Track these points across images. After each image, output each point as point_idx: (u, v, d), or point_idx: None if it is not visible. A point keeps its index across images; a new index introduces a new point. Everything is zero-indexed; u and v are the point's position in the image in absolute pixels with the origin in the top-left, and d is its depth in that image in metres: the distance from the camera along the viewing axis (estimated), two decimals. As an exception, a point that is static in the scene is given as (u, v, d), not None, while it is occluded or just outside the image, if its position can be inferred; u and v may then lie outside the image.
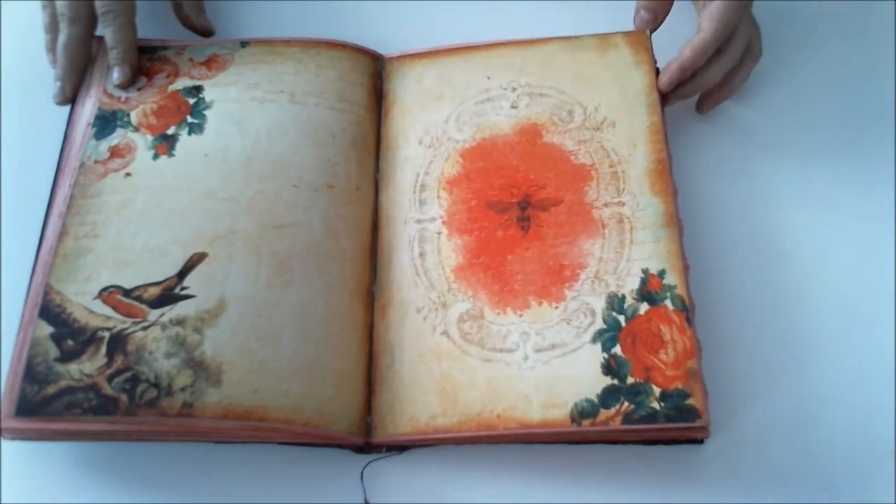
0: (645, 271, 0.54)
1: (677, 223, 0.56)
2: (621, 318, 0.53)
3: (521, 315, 0.55)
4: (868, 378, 0.56)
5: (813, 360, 0.57)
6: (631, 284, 0.54)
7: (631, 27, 0.65)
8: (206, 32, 0.69)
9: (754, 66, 0.64)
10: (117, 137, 0.60)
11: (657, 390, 0.51)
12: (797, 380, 0.56)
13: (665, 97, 0.62)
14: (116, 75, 0.63)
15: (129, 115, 0.62)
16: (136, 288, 0.54)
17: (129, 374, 0.51)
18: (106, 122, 0.61)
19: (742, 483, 0.53)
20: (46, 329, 0.53)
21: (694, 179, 0.62)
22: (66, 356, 0.52)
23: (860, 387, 0.56)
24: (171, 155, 0.59)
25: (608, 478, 0.53)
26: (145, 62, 0.64)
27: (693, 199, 0.61)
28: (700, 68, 0.61)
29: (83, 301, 0.54)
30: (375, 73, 0.65)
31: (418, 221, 0.60)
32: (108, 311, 0.54)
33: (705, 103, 0.65)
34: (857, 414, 0.55)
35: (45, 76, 0.64)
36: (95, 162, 0.59)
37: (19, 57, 0.68)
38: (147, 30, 0.65)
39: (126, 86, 0.63)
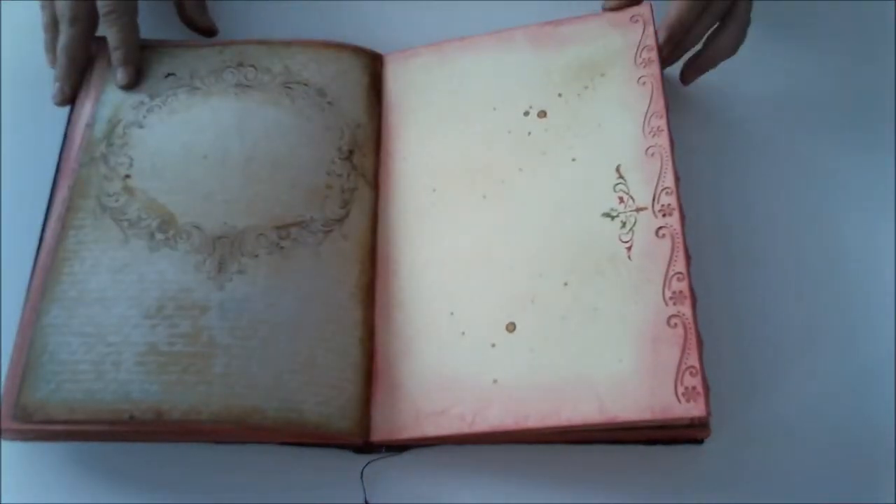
0: None
1: (680, 212, 0.54)
2: None
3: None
4: (869, 377, 0.56)
5: (815, 358, 0.56)
6: None
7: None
8: (209, 32, 0.69)
9: (741, 35, 0.63)
10: (117, 139, 0.61)
11: None
12: (799, 377, 0.56)
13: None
14: (120, 76, 0.62)
15: (128, 116, 0.62)
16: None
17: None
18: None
19: (742, 483, 0.53)
20: (46, 331, 0.54)
21: (697, 168, 0.62)
22: (65, 357, 0.53)
23: (861, 386, 0.55)
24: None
25: (608, 478, 0.53)
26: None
27: (696, 189, 0.60)
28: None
29: (82, 303, 0.55)
30: (374, 72, 0.65)
31: None
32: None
33: (689, 71, 0.65)
34: (857, 413, 0.55)
35: (44, 77, 0.64)
36: (95, 164, 0.60)
37: (19, 57, 0.68)
38: (149, 30, 0.65)
39: (130, 86, 0.62)
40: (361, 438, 0.54)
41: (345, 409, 0.53)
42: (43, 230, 0.57)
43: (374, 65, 0.65)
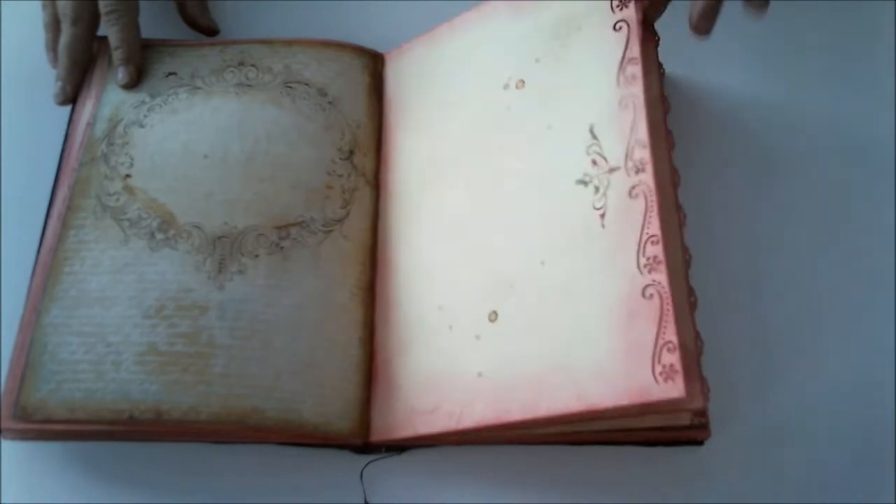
0: None
1: (679, 212, 0.51)
2: None
3: None
4: (869, 377, 0.56)
5: (815, 359, 0.56)
6: None
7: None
8: (211, 32, 0.69)
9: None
10: (117, 138, 0.61)
11: None
12: (799, 379, 0.56)
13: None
14: (122, 75, 0.62)
15: (129, 115, 0.62)
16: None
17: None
18: (106, 123, 0.61)
19: (742, 484, 0.53)
20: (46, 330, 0.54)
21: (698, 168, 0.61)
22: (66, 357, 0.53)
23: (861, 386, 0.55)
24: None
25: (608, 479, 0.53)
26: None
27: (696, 189, 0.60)
28: None
29: (82, 303, 0.55)
30: (375, 71, 0.65)
31: None
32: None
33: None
34: (857, 414, 0.55)
35: (45, 76, 0.64)
36: (95, 163, 0.60)
37: (19, 57, 0.68)
38: (150, 29, 0.65)
39: (132, 86, 0.62)
40: (361, 439, 0.54)
41: (344, 410, 0.53)
42: (43, 229, 0.57)
43: (374, 64, 0.65)
